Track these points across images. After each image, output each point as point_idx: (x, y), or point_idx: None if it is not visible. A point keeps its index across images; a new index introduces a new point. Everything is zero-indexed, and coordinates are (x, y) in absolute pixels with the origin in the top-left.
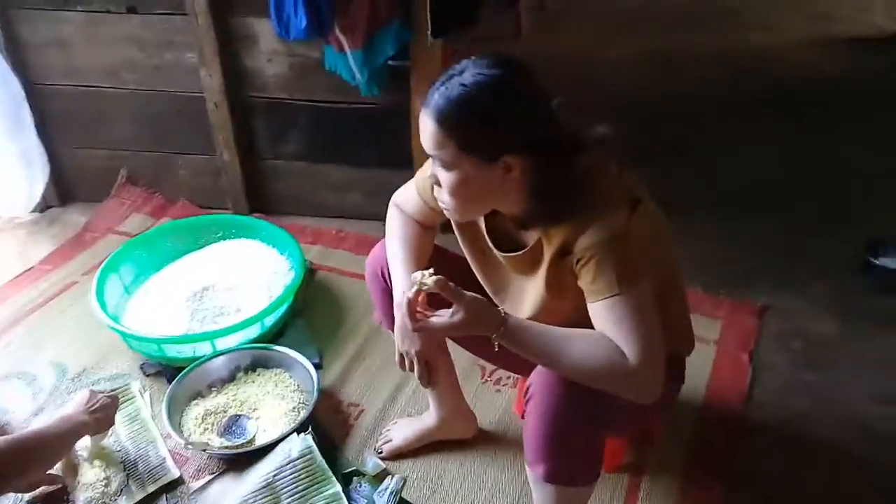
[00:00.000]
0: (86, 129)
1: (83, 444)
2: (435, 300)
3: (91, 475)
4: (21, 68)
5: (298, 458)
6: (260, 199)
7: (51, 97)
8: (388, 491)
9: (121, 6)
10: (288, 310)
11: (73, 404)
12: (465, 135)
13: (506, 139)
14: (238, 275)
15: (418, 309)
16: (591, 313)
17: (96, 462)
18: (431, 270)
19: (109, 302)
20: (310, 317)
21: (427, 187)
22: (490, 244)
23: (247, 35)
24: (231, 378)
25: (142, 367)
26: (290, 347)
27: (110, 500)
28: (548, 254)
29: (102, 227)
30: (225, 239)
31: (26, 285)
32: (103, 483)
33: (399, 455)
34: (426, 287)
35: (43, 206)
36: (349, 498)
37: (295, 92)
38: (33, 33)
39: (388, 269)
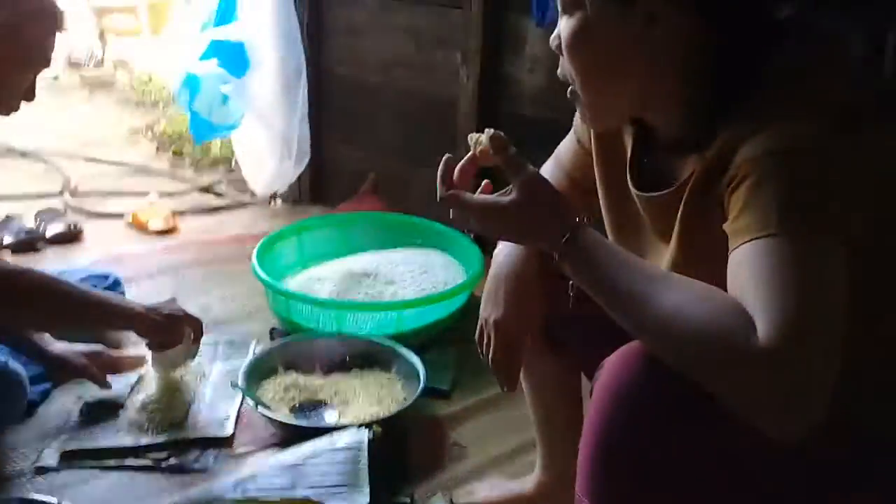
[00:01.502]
0: (353, 125)
1: (154, 358)
2: None
3: (149, 396)
4: (315, 54)
5: (341, 450)
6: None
7: (332, 85)
8: None
9: None
10: (441, 325)
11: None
12: None
13: None
14: (407, 274)
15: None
16: (728, 270)
17: (163, 387)
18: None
19: (279, 263)
20: (464, 352)
21: (577, 135)
22: (629, 180)
23: (515, 35)
24: (340, 366)
25: (271, 332)
26: (425, 364)
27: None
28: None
29: None
30: (422, 247)
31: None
32: (159, 408)
33: None
34: (481, 145)
35: (296, 197)
36: None
37: (549, 110)
38: (335, 18)
39: None
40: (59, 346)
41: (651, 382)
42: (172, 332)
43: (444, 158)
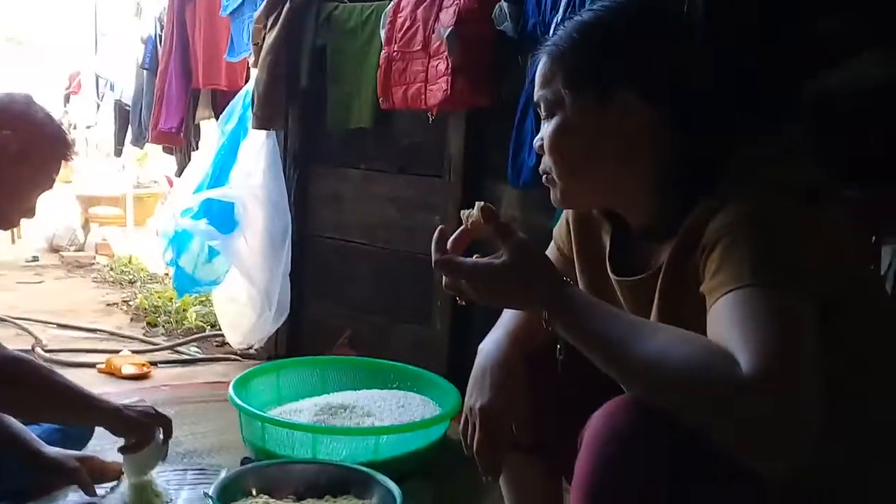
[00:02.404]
0: (331, 284)
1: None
2: None
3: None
4: (300, 219)
5: None
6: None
7: (314, 248)
8: None
9: (394, 166)
10: (418, 457)
11: None
12: (573, 62)
13: (626, 69)
14: (385, 408)
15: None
16: (708, 324)
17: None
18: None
19: (256, 399)
20: (440, 486)
21: (562, 230)
22: (608, 268)
23: (491, 198)
24: (314, 492)
25: (243, 461)
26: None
27: None
28: (667, 261)
29: None
30: (398, 389)
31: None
32: None
33: None
34: (472, 217)
35: (271, 352)
36: None
37: None
38: (319, 188)
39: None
40: (52, 451)
41: (639, 425)
42: (144, 429)
43: (438, 228)
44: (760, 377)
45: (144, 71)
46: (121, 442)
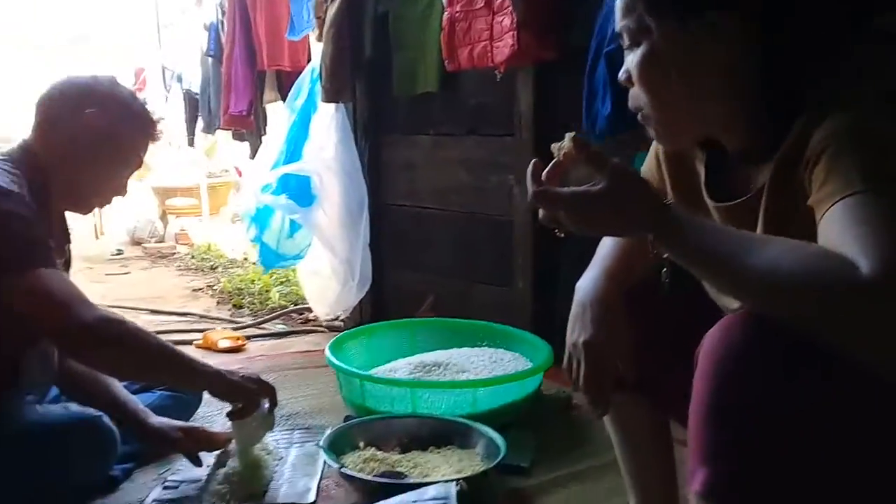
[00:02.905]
0: (411, 251)
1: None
2: None
3: (231, 469)
4: (374, 189)
5: (430, 500)
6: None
7: (390, 217)
8: None
9: (462, 128)
10: (514, 409)
11: None
12: None
13: None
14: (479, 364)
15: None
16: (819, 235)
17: (245, 463)
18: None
19: (349, 362)
20: (546, 436)
21: (652, 170)
22: (705, 195)
23: None
24: (418, 444)
25: (346, 419)
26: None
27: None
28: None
29: None
30: (488, 347)
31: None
32: (240, 482)
33: None
34: (564, 148)
35: (357, 321)
36: None
37: None
38: (390, 157)
39: None
40: (157, 420)
41: (756, 338)
42: (248, 394)
43: (532, 161)
44: (882, 278)
45: (209, 58)
46: (224, 418)
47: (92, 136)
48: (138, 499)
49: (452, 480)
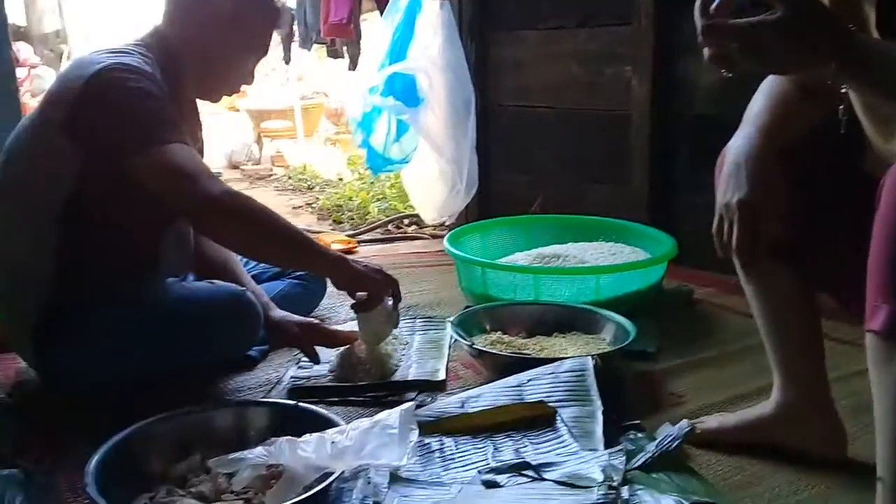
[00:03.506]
0: (518, 152)
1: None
2: None
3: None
4: (482, 87)
5: (565, 372)
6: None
7: (497, 117)
8: (671, 436)
9: (572, 21)
10: (637, 298)
11: None
12: None
13: None
14: (598, 256)
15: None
16: None
17: (372, 356)
18: None
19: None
20: (669, 326)
21: None
22: (876, 34)
23: (688, 40)
24: (542, 330)
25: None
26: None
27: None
28: None
29: None
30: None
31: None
32: (368, 369)
33: (708, 443)
34: None
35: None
36: (615, 444)
37: (728, 107)
38: (500, 54)
39: None
40: (278, 314)
41: None
42: (373, 284)
43: None
44: None
45: None
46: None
47: (220, 21)
48: (276, 376)
49: (587, 356)
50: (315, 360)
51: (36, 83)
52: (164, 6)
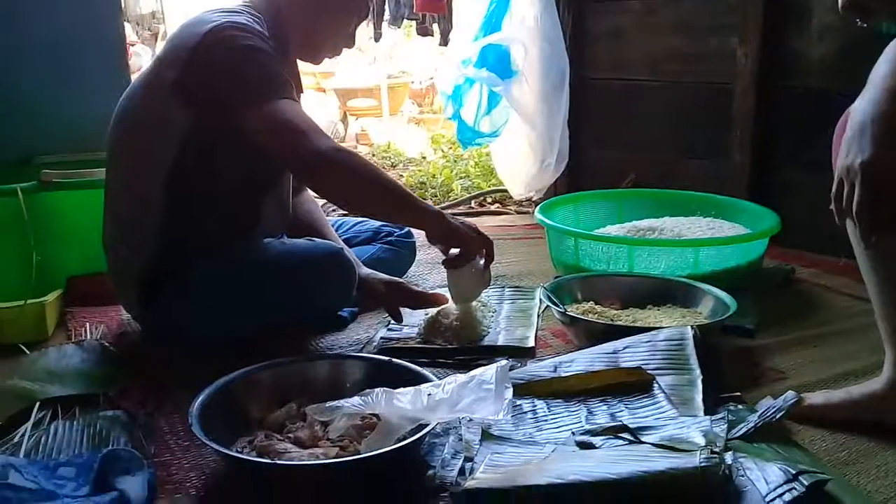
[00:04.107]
0: (611, 127)
1: (451, 281)
2: None
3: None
4: (577, 60)
5: (663, 341)
6: None
7: (591, 90)
8: (774, 407)
9: None
10: (736, 274)
11: None
12: None
13: None
14: (696, 230)
15: None
16: None
17: (462, 315)
18: None
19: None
20: (768, 304)
21: None
22: None
23: (799, 7)
24: (636, 302)
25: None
26: None
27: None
28: None
29: None
30: (701, 216)
31: None
32: (458, 328)
33: (812, 419)
34: None
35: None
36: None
37: (840, 81)
38: (598, 25)
39: None
40: (365, 271)
41: None
42: (467, 240)
43: None
44: None
45: None
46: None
47: None
48: (366, 337)
49: (686, 326)
50: (398, 319)
51: (134, 60)
52: None
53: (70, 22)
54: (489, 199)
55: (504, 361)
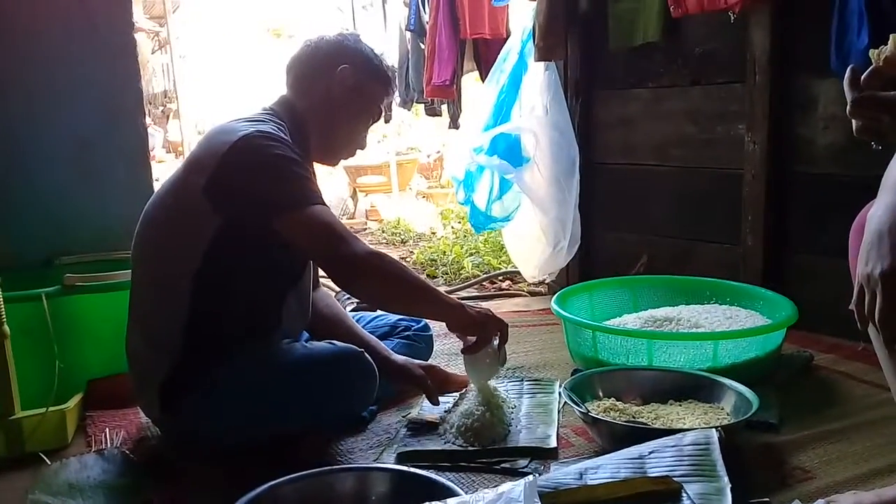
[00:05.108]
0: (622, 210)
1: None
2: None
3: (470, 408)
4: (585, 145)
5: (689, 445)
6: None
7: (601, 175)
8: None
9: (686, 79)
10: (755, 366)
11: None
12: None
13: None
14: (713, 320)
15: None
16: None
17: (482, 400)
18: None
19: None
20: (789, 395)
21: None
22: None
23: (805, 98)
24: (658, 397)
25: (574, 372)
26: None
27: (478, 442)
28: None
29: None
30: (717, 304)
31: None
32: (481, 423)
33: None
34: (886, 52)
35: (563, 284)
36: None
37: (849, 166)
38: (606, 113)
39: None
40: (400, 358)
41: None
42: (484, 327)
43: (849, 68)
44: None
45: (409, 33)
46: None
47: (344, 90)
48: (386, 438)
49: (710, 428)
50: (435, 401)
51: None
52: (287, 78)
53: (93, 120)
54: (501, 279)
55: (531, 478)
